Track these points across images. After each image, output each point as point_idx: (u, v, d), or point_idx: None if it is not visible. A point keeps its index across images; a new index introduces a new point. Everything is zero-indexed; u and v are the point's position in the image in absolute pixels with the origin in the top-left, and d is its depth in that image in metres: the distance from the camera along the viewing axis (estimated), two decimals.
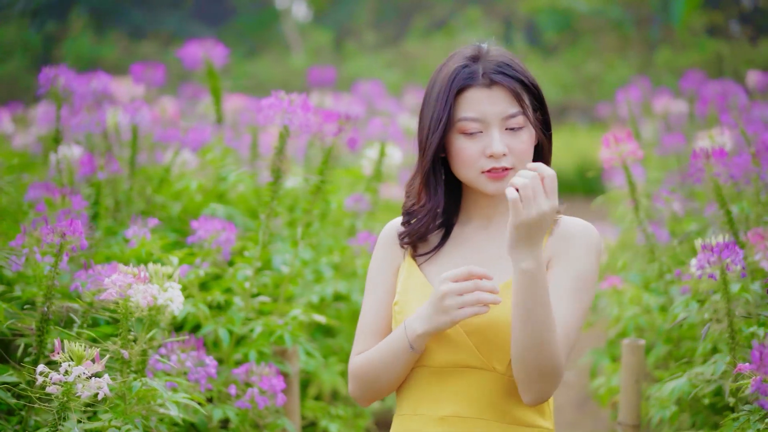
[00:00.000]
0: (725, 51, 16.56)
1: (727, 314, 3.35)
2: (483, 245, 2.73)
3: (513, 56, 2.71)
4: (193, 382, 3.48)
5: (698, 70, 9.60)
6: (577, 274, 2.62)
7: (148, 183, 4.94)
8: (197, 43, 5.46)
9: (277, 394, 3.60)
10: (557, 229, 2.68)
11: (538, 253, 2.46)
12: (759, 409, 2.72)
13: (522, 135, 2.65)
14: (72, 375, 2.75)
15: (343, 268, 4.75)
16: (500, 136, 2.63)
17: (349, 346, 4.70)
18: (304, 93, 3.92)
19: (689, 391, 3.74)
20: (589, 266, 2.64)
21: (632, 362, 3.86)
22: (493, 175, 2.64)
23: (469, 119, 2.65)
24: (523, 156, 2.65)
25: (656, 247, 4.43)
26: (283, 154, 3.88)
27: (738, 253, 3.30)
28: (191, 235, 4.11)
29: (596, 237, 2.69)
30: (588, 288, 2.63)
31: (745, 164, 4.38)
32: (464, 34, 18.28)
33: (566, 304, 2.59)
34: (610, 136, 4.30)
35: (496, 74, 2.62)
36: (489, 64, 2.64)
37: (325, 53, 18.00)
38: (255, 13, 21.78)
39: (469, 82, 2.65)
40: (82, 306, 3.43)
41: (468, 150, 2.67)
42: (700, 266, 3.34)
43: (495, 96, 2.63)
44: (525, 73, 2.67)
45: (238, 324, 3.86)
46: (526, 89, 2.66)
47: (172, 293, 3.23)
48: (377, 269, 2.82)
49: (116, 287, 3.11)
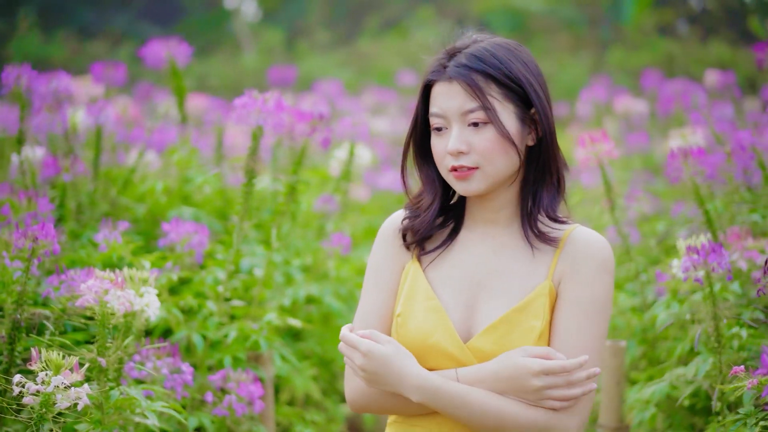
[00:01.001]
0: (676, 51, 16.66)
1: (712, 317, 3.32)
2: (489, 258, 2.63)
3: (499, 48, 2.57)
4: (169, 389, 3.38)
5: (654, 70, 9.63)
6: (591, 298, 2.53)
7: (112, 185, 4.82)
8: (159, 41, 5.35)
9: (254, 401, 3.52)
10: (568, 245, 2.58)
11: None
12: (755, 412, 2.68)
13: (485, 132, 2.53)
14: (51, 385, 2.65)
15: (314, 270, 4.67)
16: (460, 132, 2.54)
17: (321, 350, 4.62)
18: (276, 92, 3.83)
19: (669, 393, 3.71)
20: (602, 287, 2.54)
21: (614, 364, 3.83)
22: (457, 175, 2.57)
23: (434, 115, 2.59)
24: (487, 154, 2.54)
25: (631, 248, 4.41)
26: (256, 155, 3.80)
27: (724, 256, 3.27)
28: (160, 238, 4.03)
29: (608, 254, 2.57)
30: (602, 311, 2.53)
31: (720, 163, 4.37)
32: (417, 33, 18.24)
33: (578, 333, 2.50)
34: (585, 135, 4.27)
35: (458, 67, 2.54)
36: (460, 57, 2.56)
37: (277, 53, 17.86)
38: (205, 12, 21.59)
39: (433, 77, 2.60)
40: (54, 312, 3.32)
41: (436, 147, 2.61)
42: (685, 268, 3.30)
43: (454, 90, 2.54)
44: (499, 66, 2.53)
45: (212, 329, 3.77)
46: (496, 83, 2.53)
47: (148, 298, 3.14)
48: (379, 266, 2.72)
49: (93, 293, 3.02)
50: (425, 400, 2.48)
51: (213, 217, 4.94)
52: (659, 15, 18.81)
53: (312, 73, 14.50)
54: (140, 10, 21.22)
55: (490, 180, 2.57)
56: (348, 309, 4.61)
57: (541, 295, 2.54)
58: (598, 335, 2.51)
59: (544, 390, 2.44)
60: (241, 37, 19.66)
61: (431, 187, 2.69)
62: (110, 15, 20.11)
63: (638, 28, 18.15)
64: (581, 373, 2.45)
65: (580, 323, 2.50)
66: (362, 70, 16.56)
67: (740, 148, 4.34)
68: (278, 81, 7.66)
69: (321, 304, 4.59)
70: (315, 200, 5.14)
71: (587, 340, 2.50)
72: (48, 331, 3.31)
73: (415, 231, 2.68)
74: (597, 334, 2.51)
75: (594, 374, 2.46)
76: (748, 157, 4.32)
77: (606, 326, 2.54)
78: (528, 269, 2.59)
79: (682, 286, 3.65)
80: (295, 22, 20.88)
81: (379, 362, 2.52)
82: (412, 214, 2.71)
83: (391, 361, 2.51)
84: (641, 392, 3.81)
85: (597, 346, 2.51)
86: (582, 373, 2.45)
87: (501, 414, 2.45)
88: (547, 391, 2.44)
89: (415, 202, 2.72)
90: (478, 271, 2.62)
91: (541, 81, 2.60)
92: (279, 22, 20.15)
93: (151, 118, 6.41)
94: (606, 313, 2.54)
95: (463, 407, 2.46)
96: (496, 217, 2.65)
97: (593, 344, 2.50)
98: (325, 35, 19.44)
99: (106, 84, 5.84)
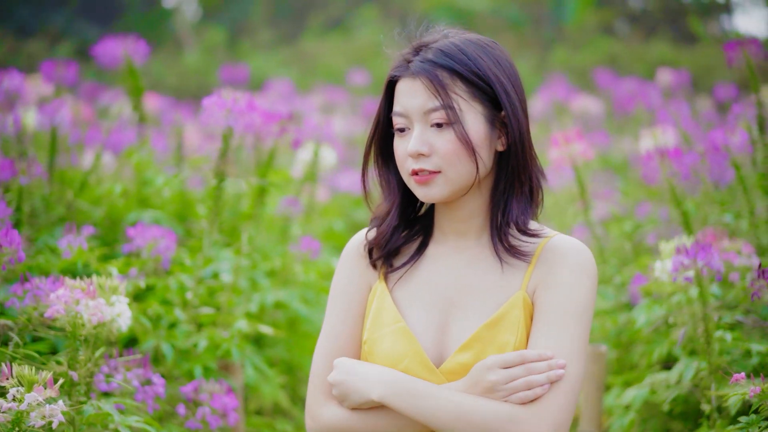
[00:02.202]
0: (618, 50, 16.76)
1: (702, 319, 3.25)
2: (461, 272, 2.45)
3: (469, 44, 2.40)
4: (140, 402, 3.23)
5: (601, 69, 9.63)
6: (568, 303, 2.35)
7: (68, 187, 4.65)
8: (114, 39, 5.18)
9: (228, 412, 3.38)
10: (543, 254, 2.40)
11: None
12: (758, 420, 2.61)
13: (448, 133, 2.35)
14: (24, 402, 2.50)
15: (281, 274, 4.53)
16: (421, 133, 2.37)
17: (289, 356, 4.49)
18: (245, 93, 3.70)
19: (648, 398, 3.65)
20: (580, 291, 2.36)
21: (594, 370, 3.74)
22: (417, 179, 2.39)
23: (396, 114, 2.42)
24: (449, 158, 2.35)
25: (604, 249, 4.34)
26: (227, 157, 3.66)
27: (714, 256, 3.21)
28: (120, 242, 3.89)
29: (586, 257, 2.39)
30: (581, 316, 2.35)
31: (693, 163, 4.32)
32: (360, 32, 18.15)
33: (557, 338, 2.32)
34: (559, 135, 4.19)
35: (423, 63, 2.36)
36: (427, 52, 2.39)
37: (220, 51, 17.65)
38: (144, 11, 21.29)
39: (397, 73, 2.42)
40: (19, 323, 3.16)
41: (398, 149, 2.43)
42: (675, 268, 3.23)
43: (417, 88, 2.37)
44: (466, 62, 2.36)
45: (181, 338, 3.63)
46: (463, 80, 2.36)
47: (119, 308, 3.00)
48: (343, 290, 2.54)
49: (62, 303, 2.87)
50: (388, 393, 2.32)
51: (173, 221, 4.78)
52: (601, 15, 18.91)
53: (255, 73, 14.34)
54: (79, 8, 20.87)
55: (452, 186, 2.39)
56: (314, 313, 4.48)
57: (515, 307, 2.37)
58: (578, 340, 2.33)
59: (503, 384, 2.28)
60: (183, 36, 19.42)
61: (389, 193, 2.52)
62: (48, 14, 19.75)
63: (580, 28, 18.23)
64: (540, 363, 2.29)
65: (558, 328, 2.33)
66: (306, 69, 16.43)
67: (714, 147, 4.29)
68: (229, 80, 7.51)
69: (287, 309, 4.45)
70: (277, 203, 5.00)
71: (566, 346, 2.32)
72: (11, 343, 3.15)
73: (380, 244, 2.51)
74: (576, 340, 2.33)
75: (558, 366, 2.28)
76: (722, 157, 4.28)
77: (586, 331, 2.36)
78: (501, 282, 2.41)
79: (663, 289, 3.58)
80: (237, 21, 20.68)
81: (346, 368, 2.40)
82: (374, 224, 2.54)
83: (356, 364, 2.40)
84: (621, 397, 3.74)
85: (576, 351, 2.33)
86: (541, 363, 2.28)
87: (463, 407, 2.28)
88: (506, 385, 2.28)
89: (375, 212, 2.56)
90: (448, 287, 2.44)
91: (515, 82, 2.43)
92: (221, 21, 19.93)
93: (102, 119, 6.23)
94: (586, 317, 2.36)
95: (426, 400, 2.30)
96: (466, 228, 2.47)
97: (572, 349, 2.32)
98: (268, 34, 19.28)
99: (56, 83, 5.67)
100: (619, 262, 4.49)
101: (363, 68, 10.96)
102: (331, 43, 17.33)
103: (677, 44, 17.26)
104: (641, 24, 20.39)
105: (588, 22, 18.55)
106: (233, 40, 19.14)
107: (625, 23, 20.97)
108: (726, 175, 4.43)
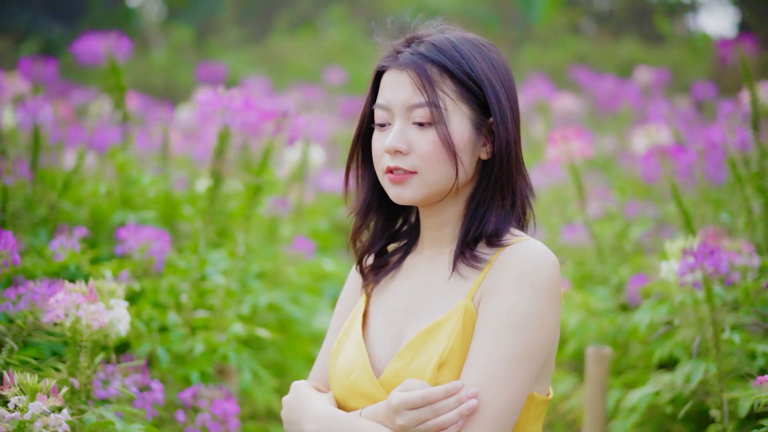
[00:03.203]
0: (586, 50, 16.78)
1: (711, 322, 3.19)
2: (425, 281, 2.33)
3: (464, 42, 2.26)
4: (138, 409, 3.13)
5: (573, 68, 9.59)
6: (505, 316, 2.13)
7: (50, 188, 4.52)
8: (98, 36, 5.06)
9: (229, 419, 3.28)
10: (498, 260, 2.21)
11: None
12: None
13: (429, 133, 2.21)
14: (28, 412, 2.39)
15: (273, 276, 4.43)
16: (402, 129, 2.23)
17: (281, 359, 4.40)
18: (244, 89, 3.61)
19: (653, 401, 3.59)
20: (520, 303, 2.13)
21: (597, 372, 3.67)
22: (392, 178, 2.25)
23: (379, 107, 2.29)
24: (428, 159, 2.21)
25: (602, 248, 4.28)
26: (223, 156, 3.57)
27: (723, 259, 3.15)
28: (109, 244, 3.78)
29: (536, 264, 2.16)
30: (519, 331, 2.12)
31: (691, 162, 4.27)
32: (329, 31, 18.05)
33: (488, 356, 2.11)
34: (556, 134, 4.13)
35: (413, 55, 2.23)
36: (420, 45, 2.25)
37: (187, 50, 17.49)
38: (109, 9, 21.08)
39: (385, 63, 2.29)
40: (12, 329, 3.05)
41: (376, 143, 2.30)
42: (682, 272, 3.17)
43: (403, 81, 2.24)
44: (459, 60, 2.22)
45: (177, 342, 3.52)
46: (453, 78, 2.22)
47: (119, 312, 2.90)
48: (339, 306, 2.47)
49: (62, 308, 2.77)
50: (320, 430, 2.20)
51: (158, 222, 4.67)
52: (569, 15, 18.92)
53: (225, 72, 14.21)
54: (42, 6, 20.63)
55: (428, 189, 2.25)
56: (306, 315, 4.39)
57: (453, 316, 2.20)
58: (513, 358, 2.11)
59: (413, 427, 2.11)
60: (149, 34, 19.23)
61: (362, 185, 2.40)
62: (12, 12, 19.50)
63: (549, 28, 18.24)
64: (448, 400, 2.10)
65: (490, 345, 2.12)
66: (276, 68, 16.31)
67: (711, 146, 4.25)
68: (208, 78, 7.39)
69: (279, 311, 4.35)
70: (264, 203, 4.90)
71: (495, 365, 2.11)
72: (4, 349, 3.03)
73: (358, 248, 2.42)
74: (510, 358, 2.11)
75: (469, 396, 2.09)
76: (719, 155, 4.24)
77: (527, 347, 2.13)
78: (452, 291, 2.26)
79: (669, 290, 3.52)
80: (204, 19, 20.51)
81: (298, 395, 2.30)
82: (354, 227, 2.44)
83: (307, 394, 2.29)
84: (625, 399, 3.69)
85: (506, 371, 2.11)
86: (450, 400, 2.10)
87: None
88: (416, 427, 2.11)
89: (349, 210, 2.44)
90: (409, 297, 2.32)
91: (508, 88, 2.29)
92: (187, 20, 19.76)
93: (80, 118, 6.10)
94: (525, 332, 2.13)
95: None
96: (439, 237, 2.33)
97: (499, 370, 2.11)
98: (236, 32, 19.14)
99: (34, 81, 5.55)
100: (614, 262, 4.44)
101: (337, 67, 10.86)
102: (300, 42, 17.21)
103: (645, 43, 17.31)
104: (608, 24, 20.46)
105: (557, 21, 18.56)
106: (201, 39, 18.98)
107: (593, 23, 21.03)
108: (720, 174, 4.39)
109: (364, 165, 2.39)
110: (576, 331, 4.27)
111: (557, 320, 2.19)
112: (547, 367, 2.23)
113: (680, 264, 3.16)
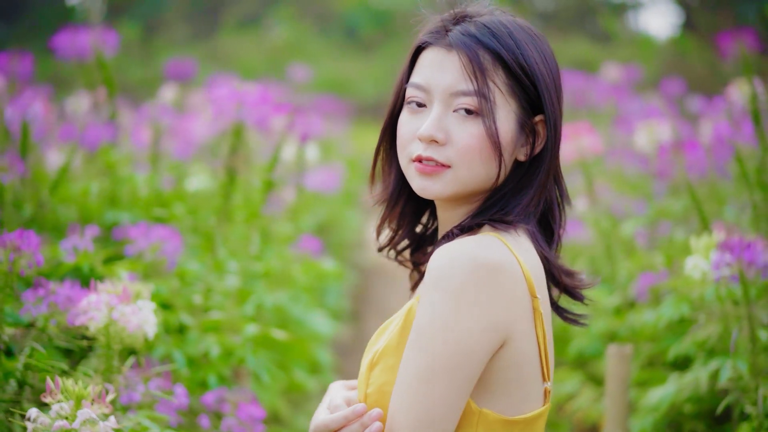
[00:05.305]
0: None
1: (747, 319, 3.14)
2: None
3: (519, 29, 2.04)
4: (163, 414, 3.00)
5: None
6: (416, 326, 1.94)
7: (40, 186, 4.37)
8: (83, 30, 4.90)
9: (255, 424, 3.16)
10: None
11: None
12: None
13: (472, 125, 1.99)
14: (77, 420, 2.27)
15: (275, 276, 4.30)
16: (441, 115, 2.00)
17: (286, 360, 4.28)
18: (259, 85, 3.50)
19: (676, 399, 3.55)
20: (426, 312, 1.92)
21: (619, 371, 3.57)
22: (420, 168, 2.01)
23: (414, 85, 2.05)
24: (467, 154, 1.99)
25: (610, 246, 4.23)
26: (238, 152, 3.45)
27: (759, 253, 3.10)
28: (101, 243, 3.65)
29: (440, 267, 1.93)
30: (424, 341, 1.90)
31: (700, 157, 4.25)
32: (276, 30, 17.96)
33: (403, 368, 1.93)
34: (567, 129, 4.08)
35: (465, 35, 2.00)
36: (469, 25, 2.03)
37: (134, 48, 17.24)
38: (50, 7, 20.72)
39: (429, 39, 2.05)
40: (34, 332, 2.90)
41: (405, 126, 2.06)
42: (716, 265, 3.12)
43: (450, 62, 2.01)
44: (514, 49, 2.00)
45: (193, 344, 3.40)
46: (506, 69, 2.00)
47: (146, 314, 2.78)
48: None
49: (96, 310, 2.64)
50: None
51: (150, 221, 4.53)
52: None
53: None
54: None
55: (458, 186, 2.04)
56: (311, 316, 4.29)
57: (401, 314, 2.07)
58: (418, 371, 1.91)
59: None
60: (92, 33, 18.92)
61: (388, 172, 2.20)
62: None
63: None
64: (352, 426, 1.99)
65: (405, 356, 1.94)
66: (224, 65, 16.14)
67: (719, 141, 4.23)
68: (177, 75, 7.23)
69: (282, 312, 4.24)
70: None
71: (406, 380, 1.92)
72: (22, 355, 2.89)
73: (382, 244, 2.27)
74: (416, 371, 1.91)
75: (372, 418, 1.97)
76: (727, 150, 4.21)
77: (430, 360, 1.91)
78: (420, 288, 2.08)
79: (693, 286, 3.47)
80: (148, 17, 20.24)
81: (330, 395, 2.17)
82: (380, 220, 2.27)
83: (332, 398, 2.13)
84: (646, 398, 3.64)
85: (418, 385, 1.91)
86: (353, 426, 1.99)
87: None
88: None
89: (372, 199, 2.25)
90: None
91: (558, 86, 2.08)
92: (133, 18, 19.48)
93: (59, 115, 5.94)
94: (428, 342, 1.91)
95: None
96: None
97: (412, 384, 1.91)
98: (183, 30, 18.93)
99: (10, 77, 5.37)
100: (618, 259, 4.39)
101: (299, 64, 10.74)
102: (248, 40, 17.08)
103: (594, 43, 17.43)
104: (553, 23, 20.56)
105: None
106: (146, 37, 18.73)
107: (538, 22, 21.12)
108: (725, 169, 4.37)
109: (393, 150, 2.16)
110: (579, 329, 4.22)
111: (481, 325, 1.91)
112: (506, 383, 1.98)
113: (715, 258, 3.11)
